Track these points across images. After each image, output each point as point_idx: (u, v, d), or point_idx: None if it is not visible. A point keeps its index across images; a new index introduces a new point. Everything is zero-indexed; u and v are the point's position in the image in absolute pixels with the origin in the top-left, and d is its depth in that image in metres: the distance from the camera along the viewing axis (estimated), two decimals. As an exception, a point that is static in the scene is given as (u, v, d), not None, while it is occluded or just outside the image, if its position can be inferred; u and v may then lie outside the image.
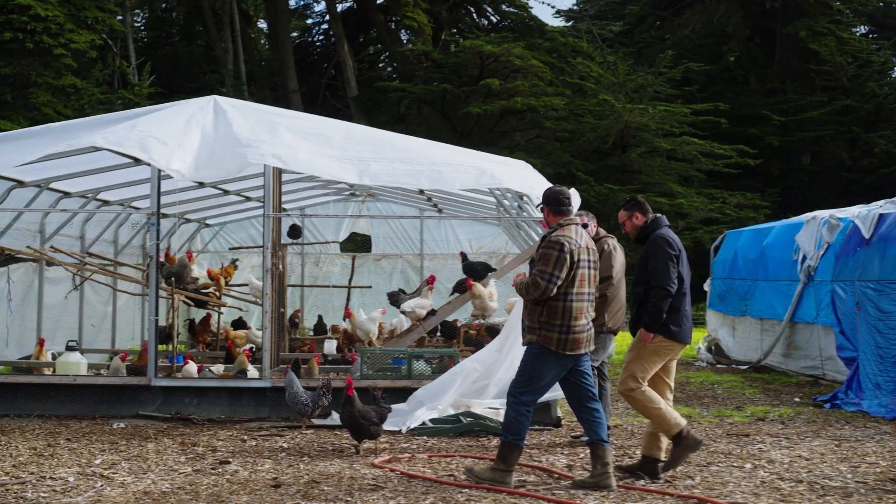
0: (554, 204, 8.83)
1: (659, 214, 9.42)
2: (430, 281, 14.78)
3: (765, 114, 41.17)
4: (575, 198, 11.66)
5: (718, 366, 20.15)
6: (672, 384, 9.28)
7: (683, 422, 8.93)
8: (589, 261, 8.60)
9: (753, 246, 20.23)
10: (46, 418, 11.78)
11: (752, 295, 19.82)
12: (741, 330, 20.49)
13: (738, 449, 10.40)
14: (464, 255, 15.29)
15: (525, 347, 8.72)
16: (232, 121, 11.77)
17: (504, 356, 11.33)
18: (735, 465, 9.52)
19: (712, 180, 39.34)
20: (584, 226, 10.48)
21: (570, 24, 51.65)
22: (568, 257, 8.39)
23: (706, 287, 22.55)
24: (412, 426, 10.98)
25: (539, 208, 9.91)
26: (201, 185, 15.96)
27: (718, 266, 22.02)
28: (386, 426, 10.26)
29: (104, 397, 12.03)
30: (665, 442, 9.04)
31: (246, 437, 10.72)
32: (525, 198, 12.41)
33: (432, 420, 11.07)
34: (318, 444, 10.36)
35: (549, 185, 11.81)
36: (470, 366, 11.53)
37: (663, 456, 9.02)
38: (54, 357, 14.17)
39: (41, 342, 13.93)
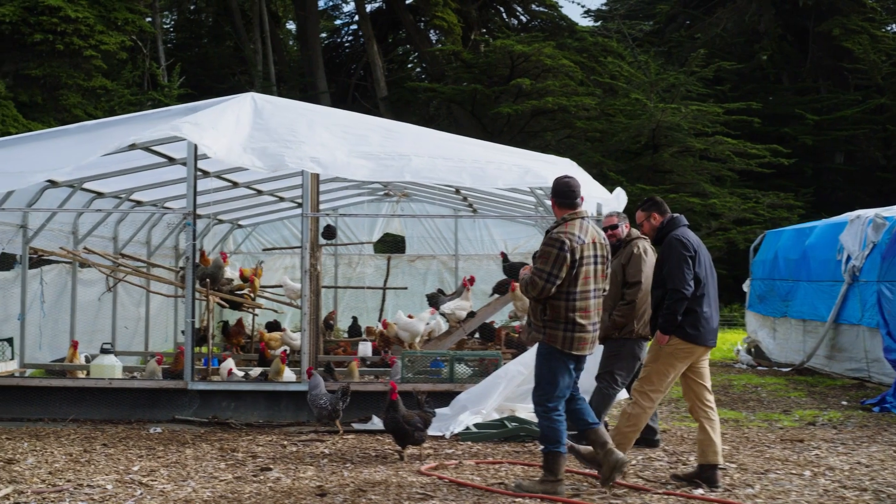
0: (559, 196, 8.52)
1: (677, 214, 9.10)
2: (469, 282, 14.44)
3: (798, 113, 40.65)
4: (621, 196, 11.38)
5: (759, 368, 19.75)
6: (709, 385, 8.94)
7: (629, 455, 8.87)
8: (596, 256, 8.30)
9: (795, 246, 19.82)
10: (81, 423, 11.55)
11: (793, 296, 19.41)
12: (782, 331, 20.09)
13: (794, 455, 10.04)
14: (504, 256, 14.94)
15: (535, 348, 8.49)
16: (270, 118, 11.50)
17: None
18: (794, 472, 9.16)
19: (745, 180, 38.92)
20: (614, 227, 10.18)
21: (598, 23, 51.22)
22: (568, 255, 8.11)
23: (745, 288, 22.15)
24: (456, 431, 10.66)
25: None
26: (235, 184, 15.76)
27: (758, 266, 21.61)
28: (429, 431, 9.97)
29: (140, 401, 11.79)
30: (720, 446, 8.73)
31: (286, 442, 10.43)
32: None
33: (476, 425, 10.75)
34: (361, 449, 10.05)
35: (596, 184, 11.52)
36: (514, 369, 11.19)
37: (721, 461, 8.71)
38: (88, 360, 13.98)
39: (75, 345, 13.72)
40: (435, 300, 14.84)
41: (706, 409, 8.82)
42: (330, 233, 17.21)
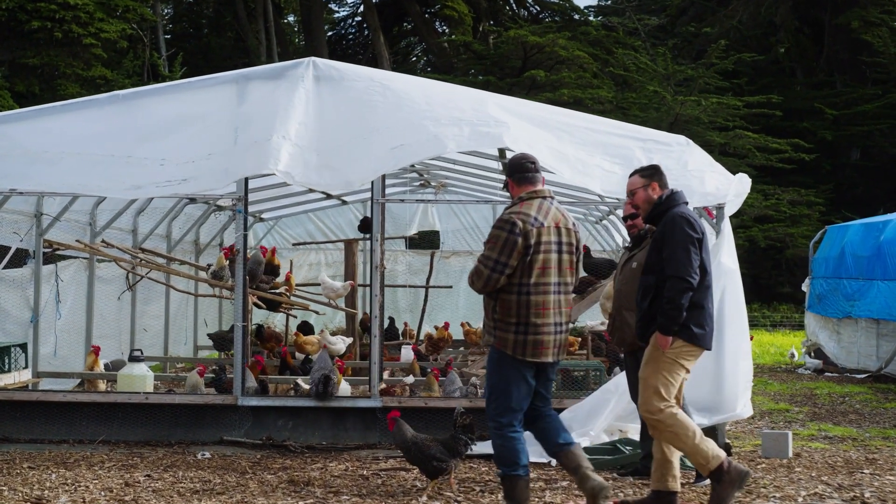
0: (517, 171, 7.16)
1: (677, 189, 7.54)
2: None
3: (817, 107, 39.53)
4: (744, 181, 9.80)
5: (827, 374, 18.15)
6: (682, 398, 7.50)
7: (723, 453, 7.14)
8: (559, 243, 6.92)
9: (866, 242, 18.26)
10: (114, 445, 9.78)
11: (863, 295, 17.87)
12: (847, 334, 18.55)
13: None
14: (587, 251, 13.13)
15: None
16: (336, 92, 9.75)
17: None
18: None
19: (762, 176, 37.67)
20: (634, 216, 8.49)
21: (598, 19, 49.85)
22: (520, 240, 6.77)
23: (805, 287, 20.57)
24: (563, 457, 8.98)
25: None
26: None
27: (820, 264, 20.02)
28: (531, 458, 8.33)
29: (181, 419, 10.01)
30: (678, 469, 7.38)
31: (364, 471, 8.70)
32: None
33: (585, 449, 9.04)
34: (458, 480, 8.30)
35: (718, 167, 9.93)
36: (626, 383, 9.51)
37: (679, 487, 7.36)
38: (107, 368, 12.32)
39: (95, 351, 12.03)
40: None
41: None
42: (368, 226, 15.53)
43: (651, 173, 7.63)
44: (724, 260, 9.44)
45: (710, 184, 9.57)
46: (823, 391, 15.45)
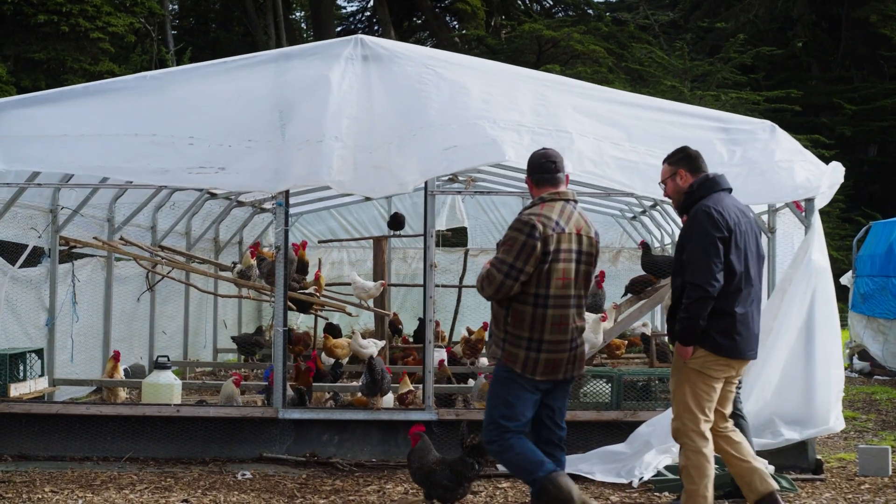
0: (536, 171, 6.67)
1: (713, 174, 6.71)
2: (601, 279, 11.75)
3: (836, 102, 38.66)
4: (838, 170, 8.91)
5: (877, 377, 17.29)
6: (727, 411, 6.68)
7: None
8: (579, 252, 6.32)
9: (917, 238, 17.39)
10: (142, 463, 8.82)
11: (916, 295, 17.03)
12: (894, 335, 17.63)
13: None
14: (646, 247, 12.14)
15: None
16: (385, 77, 8.78)
17: (755, 377, 8.33)
18: None
19: (780, 173, 36.80)
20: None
21: (608, 14, 49.10)
22: (539, 245, 6.26)
23: (844, 281, 19.65)
24: (646, 477, 8.05)
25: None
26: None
27: (865, 262, 19.12)
28: (607, 477, 7.47)
29: (215, 434, 9.05)
30: (763, 468, 6.69)
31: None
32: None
33: (668, 468, 8.13)
34: (529, 505, 7.46)
35: (807, 155, 9.04)
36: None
37: (775, 484, 6.67)
38: (127, 374, 11.45)
39: (115, 356, 11.14)
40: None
41: (726, 434, 6.63)
42: (398, 222, 14.67)
43: (677, 159, 6.85)
44: (814, 257, 8.57)
45: (800, 175, 8.70)
46: (883, 396, 14.58)
